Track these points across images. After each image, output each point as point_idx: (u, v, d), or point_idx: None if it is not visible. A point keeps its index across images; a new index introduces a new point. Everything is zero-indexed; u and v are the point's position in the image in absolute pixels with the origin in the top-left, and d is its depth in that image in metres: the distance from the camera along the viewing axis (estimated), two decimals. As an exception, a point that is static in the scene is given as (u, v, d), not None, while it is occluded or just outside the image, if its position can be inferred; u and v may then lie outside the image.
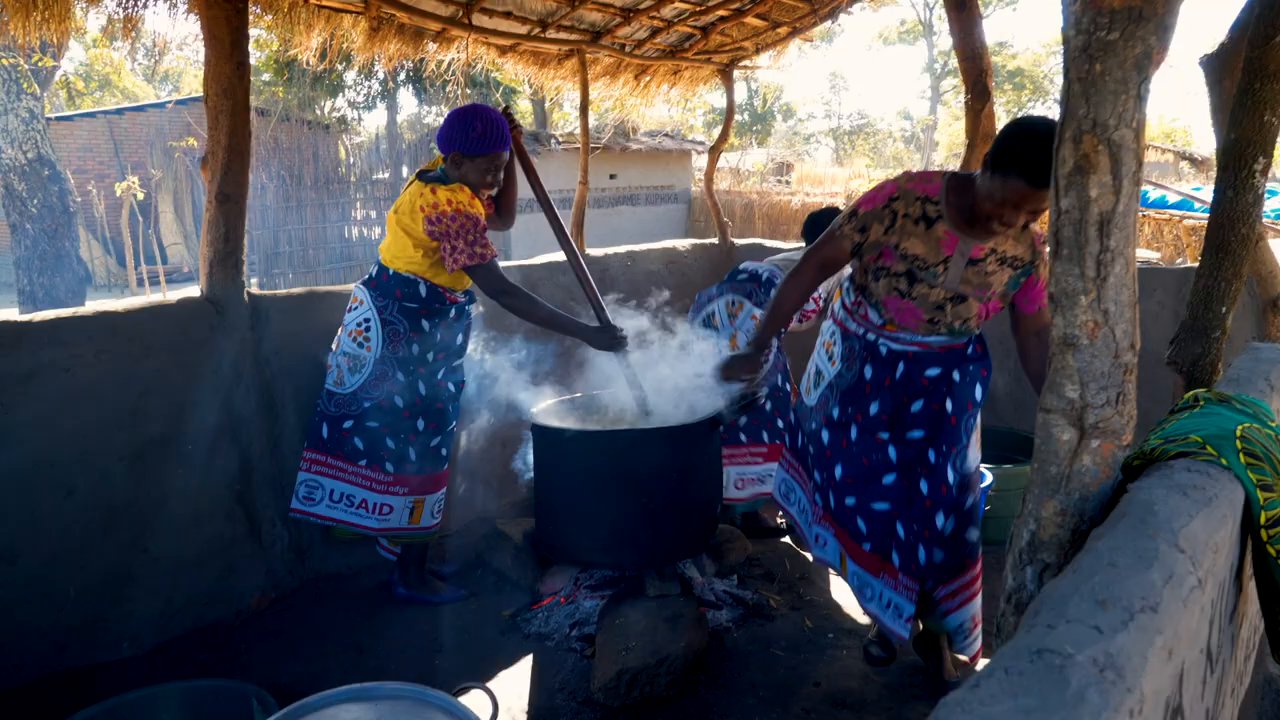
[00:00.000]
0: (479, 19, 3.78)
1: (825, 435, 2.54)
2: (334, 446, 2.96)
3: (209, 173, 3.00)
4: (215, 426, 3.00)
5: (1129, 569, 0.90)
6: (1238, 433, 1.36)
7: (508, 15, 3.87)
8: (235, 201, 3.00)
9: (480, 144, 2.73)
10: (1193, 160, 13.61)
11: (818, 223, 3.56)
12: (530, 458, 3.09)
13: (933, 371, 2.39)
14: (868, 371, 2.45)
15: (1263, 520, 1.29)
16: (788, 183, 21.25)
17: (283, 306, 3.19)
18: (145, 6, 3.04)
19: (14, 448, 2.57)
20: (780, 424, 3.51)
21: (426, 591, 3.17)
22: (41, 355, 2.61)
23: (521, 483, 3.54)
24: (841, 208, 3.64)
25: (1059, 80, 1.31)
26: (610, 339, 2.90)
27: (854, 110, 48.25)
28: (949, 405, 2.37)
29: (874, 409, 2.44)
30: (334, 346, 2.97)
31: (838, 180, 19.74)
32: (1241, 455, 1.33)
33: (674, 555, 2.97)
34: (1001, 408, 4.15)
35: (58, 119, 15.80)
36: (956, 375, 2.38)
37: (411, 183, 2.83)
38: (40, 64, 9.29)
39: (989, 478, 3.35)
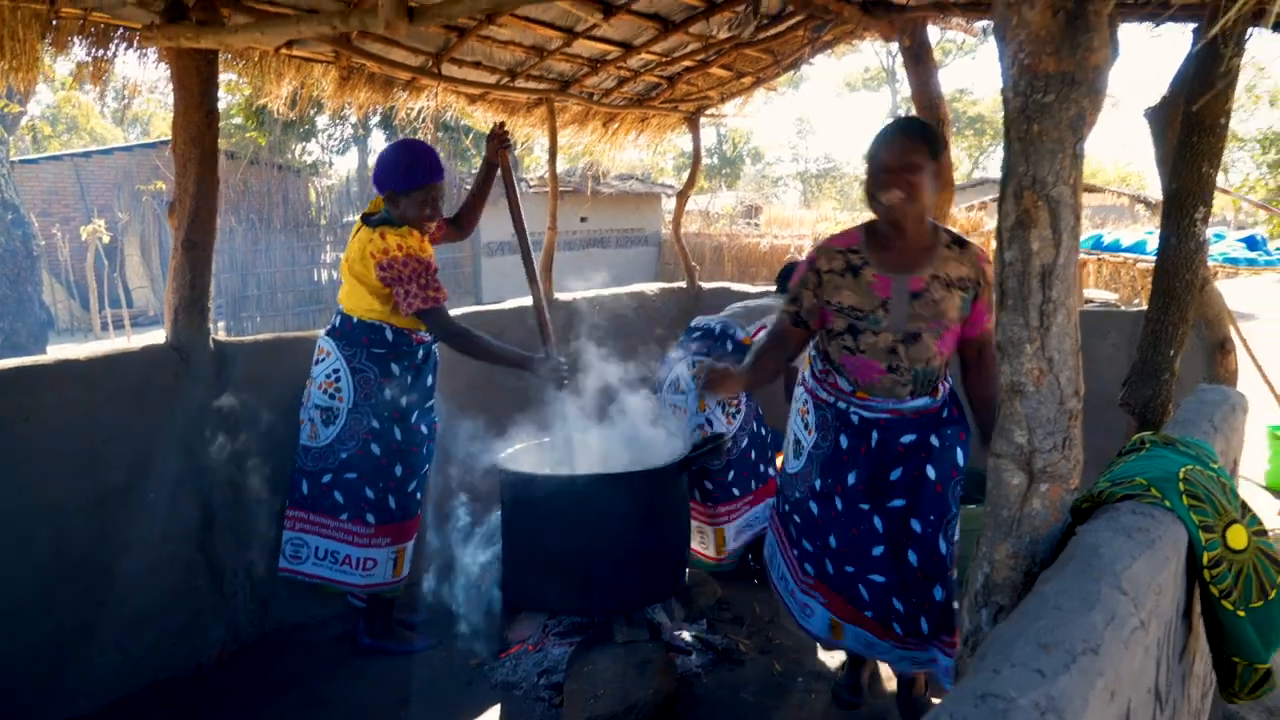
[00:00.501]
0: (448, 69, 3.85)
1: (814, 506, 2.46)
2: (315, 502, 2.93)
3: (176, 220, 3.00)
4: (177, 475, 2.96)
5: (1072, 612, 0.93)
6: (1181, 475, 1.41)
7: (477, 65, 3.93)
8: (202, 249, 3.00)
9: (409, 179, 2.76)
10: (1147, 203, 14.04)
11: (787, 273, 3.64)
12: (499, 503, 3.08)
13: (908, 438, 2.32)
14: (843, 441, 2.39)
15: (1205, 561, 1.33)
16: (756, 225, 21.56)
17: (248, 353, 3.17)
18: (115, 55, 3.06)
19: (-31, 499, 2.52)
20: (764, 468, 3.52)
21: (392, 641, 3.12)
22: (1, 404, 2.58)
23: (489, 528, 3.52)
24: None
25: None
26: (551, 370, 2.92)
27: (821, 154, 49.22)
28: (931, 472, 2.29)
29: (851, 479, 2.37)
30: (305, 401, 2.95)
31: (805, 222, 20.05)
32: (1184, 497, 1.37)
33: (643, 601, 2.96)
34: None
35: (22, 162, 15.67)
36: (935, 440, 2.31)
37: (359, 229, 2.85)
38: (6, 110, 9.24)
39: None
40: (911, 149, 2.11)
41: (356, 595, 3.11)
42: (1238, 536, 1.39)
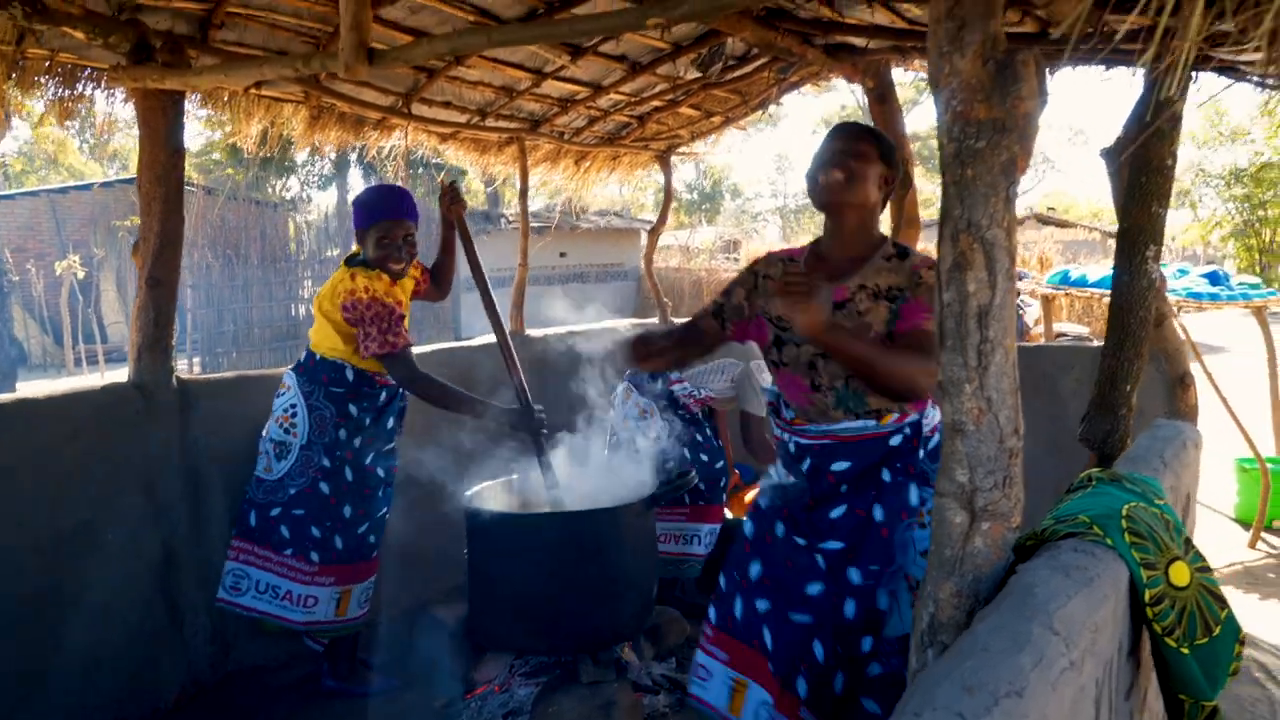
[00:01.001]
0: (418, 108, 3.88)
1: (748, 526, 2.19)
2: (261, 535, 2.90)
3: (140, 258, 3.00)
4: (138, 514, 2.92)
5: (1001, 653, 0.94)
6: (1124, 512, 1.42)
7: (447, 105, 3.97)
8: (166, 286, 2.99)
9: (365, 217, 2.82)
10: (1117, 239, 14.28)
11: None
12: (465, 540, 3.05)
13: (840, 465, 2.02)
14: (785, 472, 2.17)
15: (1147, 598, 1.34)
16: (736, 260, 21.72)
17: (212, 391, 3.15)
18: (82, 97, 3.07)
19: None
20: (703, 486, 3.56)
21: (355, 683, 3.07)
22: (-46, 444, 2.54)
23: (455, 567, 3.48)
24: None
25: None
26: (529, 421, 2.91)
27: (800, 190, 49.82)
28: (878, 512, 1.98)
29: (775, 500, 2.14)
30: (264, 433, 2.94)
31: (784, 257, 20.18)
32: (1126, 534, 1.39)
33: (610, 640, 2.93)
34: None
35: (-2, 198, 15.60)
36: (886, 475, 1.99)
37: (340, 268, 2.87)
38: (-20, 145, 9.23)
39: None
40: (860, 138, 2.03)
41: (311, 637, 3.06)
42: (1180, 573, 1.40)
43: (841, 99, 34.21)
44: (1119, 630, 1.30)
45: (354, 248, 2.97)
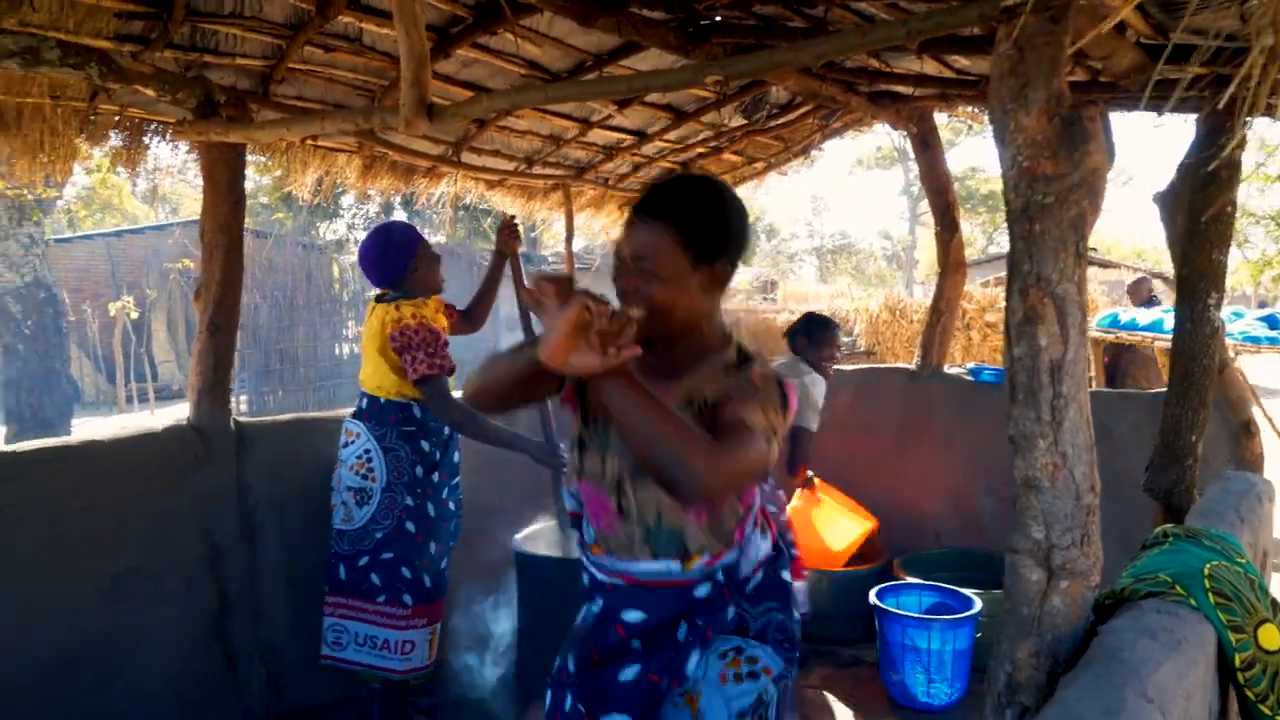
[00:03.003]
0: (468, 157, 3.96)
1: (548, 698, 1.71)
2: (352, 587, 2.91)
3: (201, 304, 3.08)
4: (194, 557, 2.96)
5: (1094, 723, 0.91)
6: (1205, 571, 1.38)
7: (495, 153, 4.05)
8: (225, 333, 3.06)
9: (404, 251, 2.92)
10: (1164, 279, 14.06)
11: (808, 325, 3.65)
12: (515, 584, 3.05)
13: (631, 615, 1.60)
14: (592, 606, 1.71)
15: (1238, 663, 1.29)
16: (773, 300, 21.71)
17: (269, 434, 3.21)
18: (145, 148, 3.18)
19: (-14, 583, 2.52)
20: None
21: (405, 728, 3.06)
22: (24, 486, 2.61)
23: (505, 610, 3.47)
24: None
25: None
26: (552, 457, 2.95)
27: (836, 230, 49.80)
28: (665, 682, 1.57)
29: (572, 663, 1.67)
30: (335, 484, 2.96)
31: (822, 297, 20.20)
32: (1211, 595, 1.34)
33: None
34: (988, 531, 4.14)
35: (57, 241, 16.15)
36: (682, 633, 1.57)
37: (373, 308, 2.93)
38: (43, 195, 9.58)
39: (978, 604, 3.31)
40: (650, 233, 1.46)
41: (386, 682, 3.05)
42: (1270, 636, 1.35)
43: (878, 140, 34.36)
44: (1209, 696, 1.25)
45: (376, 291, 3.03)
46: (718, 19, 2.82)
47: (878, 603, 3.37)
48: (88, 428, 10.85)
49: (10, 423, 9.92)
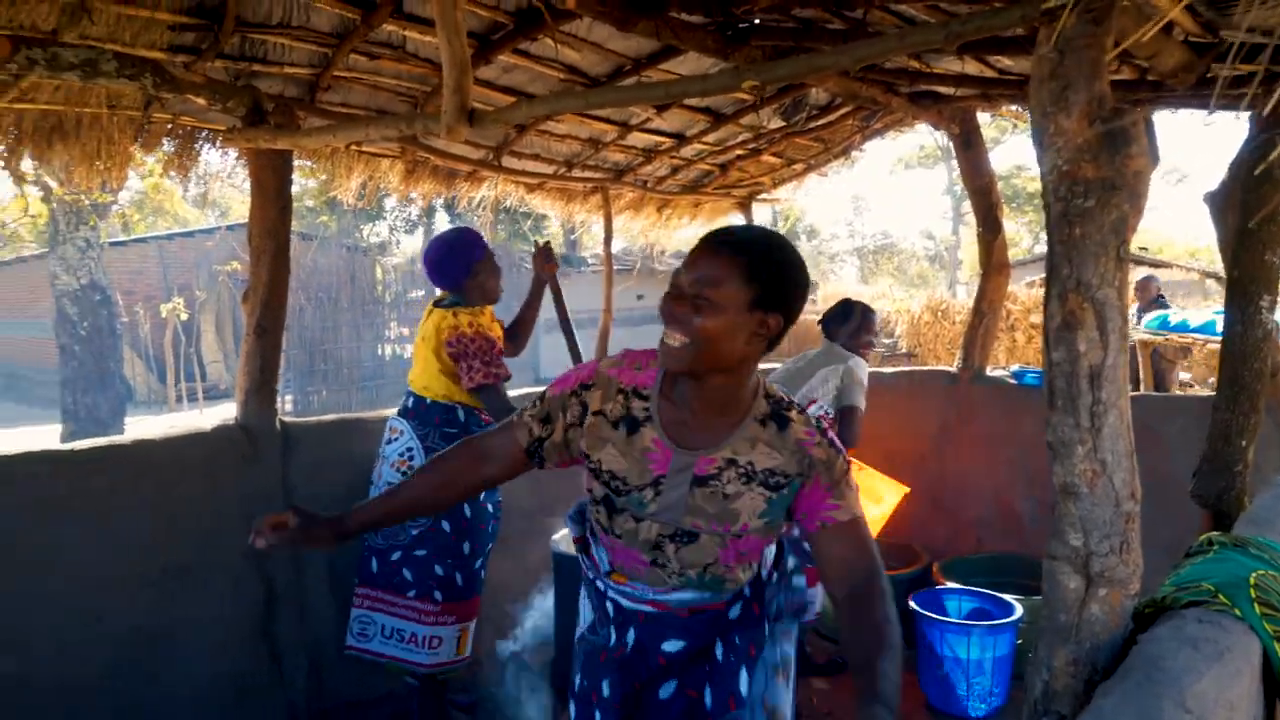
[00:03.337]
0: (508, 160, 4.01)
1: (573, 709, 1.79)
2: (384, 580, 2.96)
3: (249, 306, 3.16)
4: (241, 554, 3.03)
5: (1131, 733, 0.90)
6: (1251, 580, 1.36)
7: (535, 157, 4.09)
8: (272, 335, 3.14)
9: (466, 258, 2.93)
10: (1218, 278, 13.69)
11: (848, 307, 3.59)
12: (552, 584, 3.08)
13: (672, 646, 1.65)
14: (610, 635, 1.74)
15: (1282, 674, 1.26)
16: (814, 301, 21.55)
17: (314, 434, 3.28)
18: (196, 155, 3.27)
19: (47, 574, 2.62)
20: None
21: (444, 725, 3.10)
22: (78, 483, 2.70)
23: (543, 610, 3.51)
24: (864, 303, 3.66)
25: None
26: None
27: (877, 230, 49.24)
28: (708, 698, 1.65)
29: (606, 689, 1.71)
30: (375, 480, 3.02)
31: (863, 298, 19.98)
32: (1257, 605, 1.32)
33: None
34: (1030, 536, 4.08)
35: (112, 244, 16.62)
36: (719, 652, 1.65)
37: (430, 312, 2.96)
38: (99, 200, 9.88)
39: (1019, 610, 3.26)
40: (717, 263, 1.43)
41: (415, 676, 3.11)
42: (1316, 648, 1.32)
43: (920, 139, 33.90)
44: (1253, 709, 1.23)
45: (438, 292, 3.06)
46: (756, 22, 2.83)
47: (916, 607, 3.34)
48: (140, 426, 11.16)
49: (66, 421, 10.24)
